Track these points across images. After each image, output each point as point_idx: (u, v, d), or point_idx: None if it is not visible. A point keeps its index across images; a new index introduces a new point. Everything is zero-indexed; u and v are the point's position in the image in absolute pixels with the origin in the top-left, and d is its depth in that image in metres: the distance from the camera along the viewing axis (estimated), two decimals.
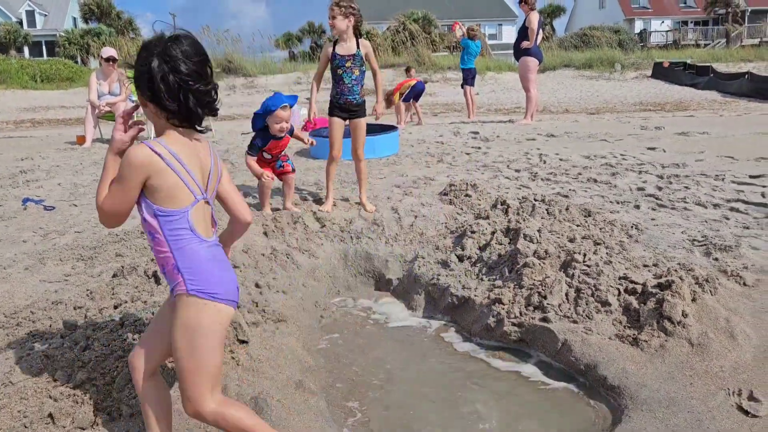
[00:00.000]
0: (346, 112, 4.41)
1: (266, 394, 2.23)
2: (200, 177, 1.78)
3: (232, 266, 1.91)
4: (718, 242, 3.61)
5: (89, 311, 2.74)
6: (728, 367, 2.46)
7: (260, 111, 4.11)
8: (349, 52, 4.30)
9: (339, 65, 4.31)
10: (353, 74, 4.33)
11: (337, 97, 4.39)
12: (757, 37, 41.94)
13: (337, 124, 4.45)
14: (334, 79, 4.39)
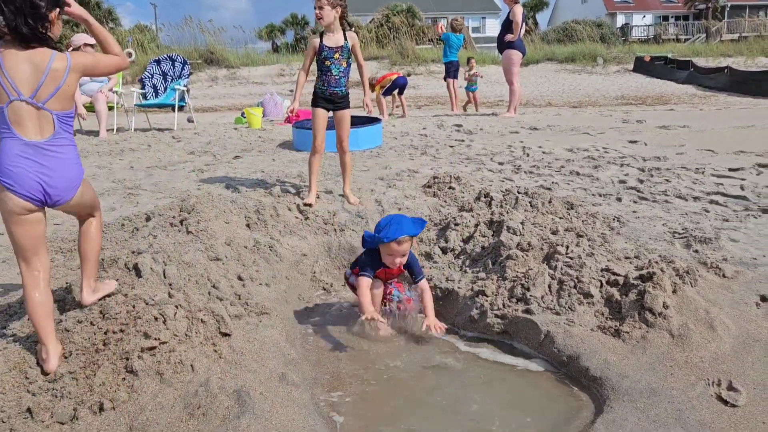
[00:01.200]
0: (330, 103, 4.40)
1: (249, 387, 2.21)
2: (26, 82, 2.06)
3: (50, 172, 2.14)
4: (698, 235, 3.65)
5: (68, 304, 2.70)
6: (708, 357, 2.49)
7: (369, 238, 3.17)
8: (338, 43, 4.28)
9: (327, 57, 4.29)
10: (341, 66, 4.33)
11: (323, 88, 4.36)
12: (737, 32, 42.45)
13: (320, 116, 4.42)
14: (321, 70, 4.35)
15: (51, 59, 2.09)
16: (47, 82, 2.09)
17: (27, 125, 2.09)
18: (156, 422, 2.05)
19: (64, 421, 2.05)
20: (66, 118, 2.17)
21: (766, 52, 27.77)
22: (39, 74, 2.08)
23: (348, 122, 4.49)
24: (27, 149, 2.10)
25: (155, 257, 3.02)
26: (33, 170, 2.10)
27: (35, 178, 2.11)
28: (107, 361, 2.24)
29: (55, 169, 2.15)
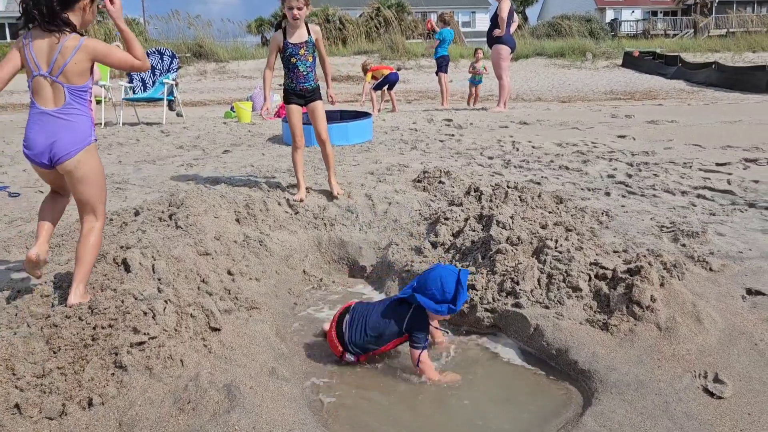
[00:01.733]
0: (302, 98, 4.41)
1: (239, 382, 2.21)
2: (44, 58, 2.40)
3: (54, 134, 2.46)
4: (686, 228, 3.68)
5: (56, 300, 2.68)
6: (695, 350, 2.52)
7: (435, 306, 2.67)
8: (301, 39, 4.27)
9: (292, 54, 4.28)
10: (307, 61, 4.33)
11: (293, 85, 4.38)
12: (724, 27, 42.72)
13: (295, 112, 4.44)
14: (288, 67, 4.35)
15: (66, 39, 2.41)
16: (58, 58, 2.41)
17: (45, 96, 2.44)
18: (146, 417, 2.05)
19: (53, 416, 2.04)
20: (77, 91, 2.47)
21: (752, 48, 28.01)
22: (53, 52, 2.40)
23: (322, 113, 4.49)
24: (42, 117, 2.45)
25: (144, 252, 3.01)
26: (43, 136, 2.45)
27: (44, 142, 2.45)
28: (96, 356, 2.23)
29: (61, 133, 2.46)
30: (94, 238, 2.61)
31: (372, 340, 2.69)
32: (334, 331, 2.75)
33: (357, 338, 2.68)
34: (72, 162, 2.48)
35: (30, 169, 5.61)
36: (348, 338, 2.69)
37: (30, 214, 4.23)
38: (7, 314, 2.64)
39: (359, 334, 2.68)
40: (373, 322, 2.70)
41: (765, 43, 28.90)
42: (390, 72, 10.88)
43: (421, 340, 2.65)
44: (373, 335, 2.68)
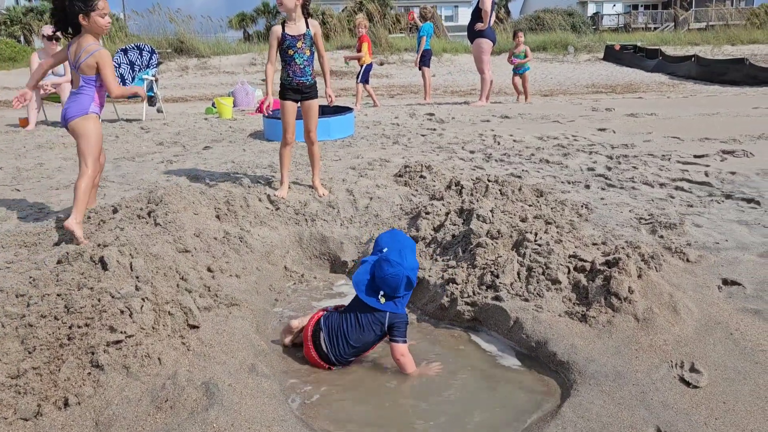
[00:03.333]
0: (298, 93, 4.36)
1: (217, 379, 2.20)
2: (74, 56, 3.62)
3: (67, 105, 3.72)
4: (664, 220, 3.72)
5: (32, 299, 2.65)
6: (671, 340, 2.54)
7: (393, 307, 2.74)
8: (299, 31, 4.24)
9: (290, 46, 4.24)
10: (305, 54, 4.29)
11: (289, 79, 4.32)
12: (704, 21, 43.18)
13: (290, 108, 4.38)
14: (285, 60, 4.31)
15: (88, 45, 3.59)
16: (81, 56, 3.58)
17: (74, 81, 3.72)
18: (123, 416, 2.03)
19: (28, 417, 2.01)
20: (87, 79, 3.64)
21: (731, 41, 28.31)
22: (79, 51, 3.60)
23: (316, 112, 4.46)
24: (71, 95, 3.74)
25: (122, 250, 2.97)
26: (65, 107, 3.72)
27: (63, 111, 3.72)
28: (72, 355, 2.20)
29: (70, 104, 3.68)
30: (82, 182, 3.62)
31: (358, 349, 2.71)
32: (314, 352, 2.72)
33: (342, 352, 2.68)
34: (72, 124, 3.66)
35: (8, 167, 5.54)
36: (333, 356, 2.68)
37: (6, 213, 4.17)
38: None
39: (343, 348, 2.67)
40: (354, 334, 2.69)
41: (744, 36, 29.23)
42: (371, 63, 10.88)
43: (402, 333, 2.67)
44: (358, 345, 2.69)
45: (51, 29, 7.49)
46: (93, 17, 3.55)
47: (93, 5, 3.53)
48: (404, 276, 2.69)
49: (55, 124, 8.21)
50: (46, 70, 3.89)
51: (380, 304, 2.70)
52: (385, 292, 2.70)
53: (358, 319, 2.72)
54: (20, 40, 31.68)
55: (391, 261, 2.68)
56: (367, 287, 2.74)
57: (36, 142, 6.75)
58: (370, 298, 2.72)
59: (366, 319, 2.72)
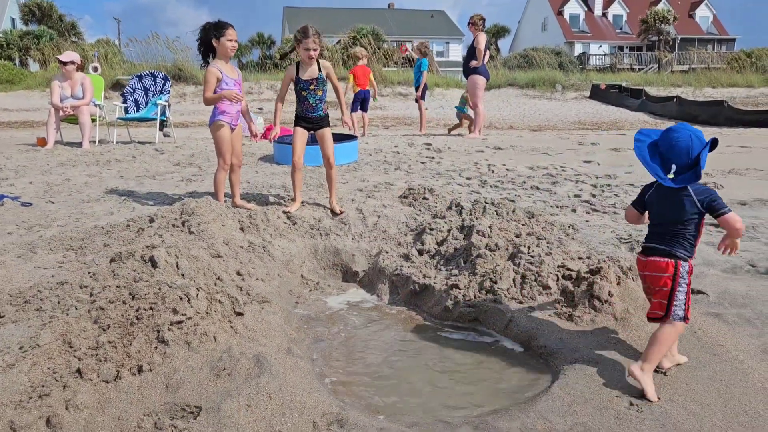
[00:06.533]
0: (310, 123, 4.84)
1: (266, 354, 2.61)
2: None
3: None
4: (641, 240, 4.18)
5: (94, 289, 3.05)
6: (644, 336, 2.98)
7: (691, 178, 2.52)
8: (312, 75, 4.70)
9: (303, 88, 4.72)
10: (317, 95, 4.77)
11: (303, 113, 4.81)
12: (686, 63, 44.62)
13: (300, 134, 4.84)
14: (299, 98, 4.79)
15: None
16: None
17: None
18: (188, 381, 2.43)
19: (109, 380, 2.40)
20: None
21: (712, 83, 29.39)
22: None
23: (330, 139, 4.92)
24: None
25: (168, 251, 3.39)
26: None
27: None
28: (141, 332, 2.61)
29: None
30: (215, 174, 4.97)
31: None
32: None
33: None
34: (210, 128, 4.93)
35: (37, 181, 5.94)
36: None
37: (46, 221, 4.57)
38: (51, 302, 3.01)
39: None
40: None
41: (724, 79, 30.39)
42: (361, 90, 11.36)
43: (722, 203, 2.51)
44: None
45: (69, 56, 7.98)
46: (222, 42, 4.65)
47: (223, 32, 4.63)
48: (691, 134, 2.51)
49: (72, 144, 8.63)
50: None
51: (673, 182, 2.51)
52: (677, 164, 2.51)
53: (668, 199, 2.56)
54: (17, 63, 32.10)
55: (673, 128, 2.58)
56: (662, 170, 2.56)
57: (58, 160, 7.16)
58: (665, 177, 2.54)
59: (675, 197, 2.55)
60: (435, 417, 2.49)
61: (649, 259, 2.64)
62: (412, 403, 2.65)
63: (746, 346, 2.86)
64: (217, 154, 4.89)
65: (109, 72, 22.00)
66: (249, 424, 2.18)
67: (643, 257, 2.68)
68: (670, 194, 2.58)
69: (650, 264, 2.63)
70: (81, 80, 8.49)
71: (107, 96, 14.97)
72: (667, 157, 2.57)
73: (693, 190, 2.54)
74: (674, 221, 2.58)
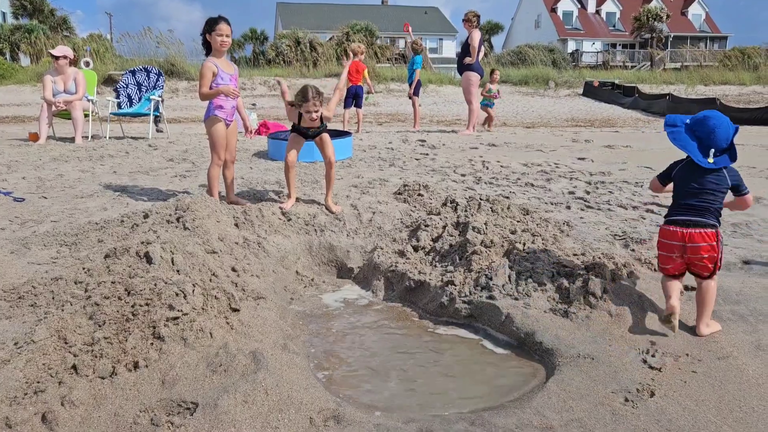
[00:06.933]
0: (308, 136, 4.88)
1: (262, 350, 2.61)
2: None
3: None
4: (635, 236, 4.22)
5: (89, 285, 3.04)
6: (639, 332, 3.00)
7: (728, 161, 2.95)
8: (314, 125, 4.79)
9: (303, 129, 4.82)
10: (318, 128, 4.86)
11: (301, 127, 4.85)
12: (679, 61, 44.80)
13: (295, 138, 4.86)
14: (298, 119, 4.82)
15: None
16: None
17: None
18: (184, 377, 2.42)
19: (105, 376, 2.39)
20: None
21: (704, 81, 29.54)
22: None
23: (329, 141, 4.86)
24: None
25: (164, 246, 3.37)
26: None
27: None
28: (137, 328, 2.60)
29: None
30: (209, 170, 4.95)
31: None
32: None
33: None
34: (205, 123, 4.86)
35: (30, 176, 5.90)
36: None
37: (39, 216, 4.54)
38: (45, 298, 3.00)
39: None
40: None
41: (716, 77, 30.55)
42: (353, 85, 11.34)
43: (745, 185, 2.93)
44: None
45: (62, 51, 7.92)
46: (213, 37, 4.67)
47: (214, 27, 4.66)
48: (727, 121, 2.85)
49: (65, 139, 8.58)
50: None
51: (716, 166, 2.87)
52: (717, 148, 2.86)
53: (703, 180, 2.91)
54: (8, 58, 31.88)
55: (709, 115, 2.89)
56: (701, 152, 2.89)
57: (50, 156, 7.11)
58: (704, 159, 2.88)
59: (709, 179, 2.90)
60: (431, 413, 2.50)
61: (691, 231, 2.93)
62: (408, 399, 2.66)
63: (740, 343, 2.88)
64: (212, 150, 4.88)
65: (102, 67, 21.88)
66: (245, 420, 2.18)
67: (682, 229, 2.95)
68: (707, 173, 2.92)
69: (695, 236, 2.92)
70: (73, 75, 8.43)
71: (100, 91, 14.92)
72: (707, 143, 2.89)
73: (726, 169, 2.91)
74: (709, 196, 2.92)
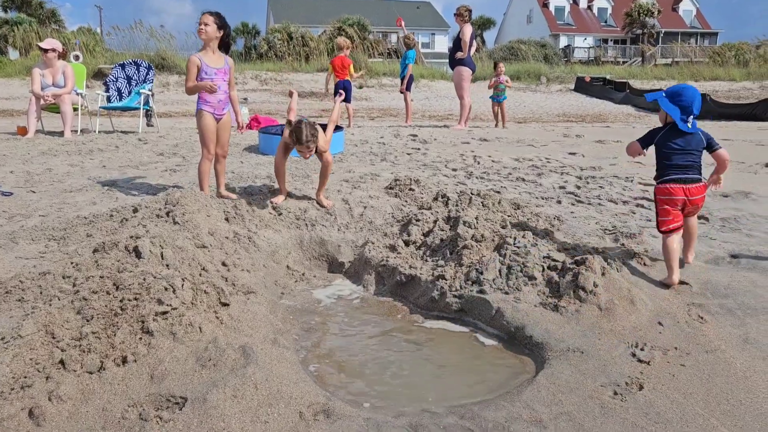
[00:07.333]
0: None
1: (252, 344, 2.60)
2: None
3: None
4: (625, 231, 4.23)
5: (78, 280, 3.01)
6: (629, 326, 3.01)
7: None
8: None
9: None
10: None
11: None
12: (670, 57, 44.96)
13: (288, 148, 4.77)
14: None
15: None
16: None
17: None
18: (173, 372, 2.41)
19: (93, 371, 2.38)
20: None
21: (695, 77, 29.67)
22: None
23: (327, 153, 4.78)
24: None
25: (153, 241, 3.35)
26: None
27: None
28: (125, 323, 2.58)
29: None
30: (199, 164, 4.95)
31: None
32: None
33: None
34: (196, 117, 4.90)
35: (18, 170, 5.85)
36: None
37: (27, 210, 4.50)
38: (33, 293, 2.97)
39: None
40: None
41: (706, 72, 30.71)
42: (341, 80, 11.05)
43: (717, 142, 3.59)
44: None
45: (50, 44, 7.86)
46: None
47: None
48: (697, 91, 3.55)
49: (54, 133, 8.51)
50: None
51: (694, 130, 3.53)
52: (694, 115, 3.51)
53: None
54: None
55: (686, 86, 3.59)
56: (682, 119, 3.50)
57: (39, 150, 7.05)
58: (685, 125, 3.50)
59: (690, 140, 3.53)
60: (421, 407, 2.50)
61: (695, 186, 3.51)
62: (398, 393, 2.66)
63: (728, 336, 2.90)
64: (201, 144, 4.86)
65: (91, 60, 21.70)
66: (235, 415, 2.17)
67: (682, 186, 3.51)
68: (688, 136, 3.53)
69: (693, 190, 3.50)
70: (62, 68, 8.36)
71: (89, 85, 14.80)
72: (690, 110, 3.51)
73: (700, 131, 3.56)
74: (693, 156, 3.51)
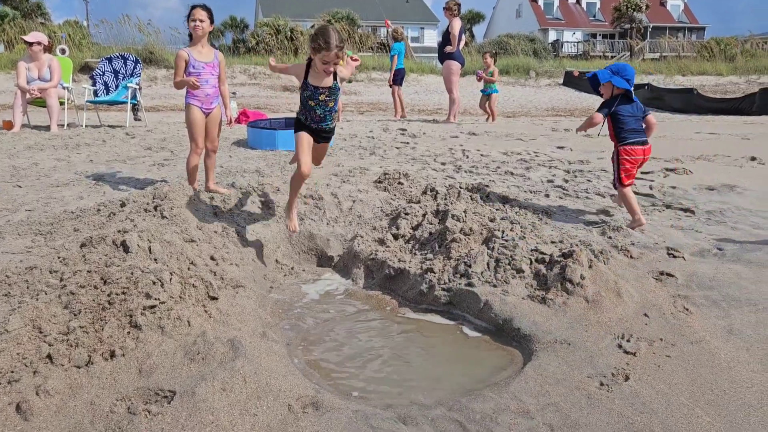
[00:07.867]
0: (316, 134, 4.01)
1: (240, 338, 2.60)
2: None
3: None
4: (612, 224, 4.27)
5: (65, 275, 3.00)
6: (615, 318, 3.04)
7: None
8: (326, 84, 3.85)
9: (311, 97, 3.85)
10: (327, 106, 3.91)
11: (307, 122, 3.96)
12: (657, 51, 45.20)
13: (305, 140, 3.94)
14: (304, 106, 3.92)
15: None
16: None
17: None
18: (162, 365, 2.41)
19: (81, 365, 2.37)
20: None
21: (682, 71, 29.85)
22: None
23: (325, 151, 4.44)
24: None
25: (141, 235, 3.35)
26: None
27: None
28: (113, 317, 2.57)
29: None
30: (187, 158, 4.89)
31: None
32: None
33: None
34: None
35: (3, 165, 5.80)
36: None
37: (13, 205, 4.47)
38: (20, 288, 2.96)
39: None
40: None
41: (694, 67, 30.89)
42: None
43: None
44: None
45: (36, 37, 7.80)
46: (189, 22, 4.69)
47: (190, 14, 4.69)
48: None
49: (40, 127, 8.43)
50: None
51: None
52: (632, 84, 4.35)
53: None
54: None
55: (625, 65, 4.43)
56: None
57: (25, 144, 6.99)
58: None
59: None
60: (410, 399, 2.52)
61: (648, 147, 4.37)
62: (387, 385, 2.67)
63: (713, 328, 2.94)
64: (189, 138, 4.84)
65: (78, 54, 21.50)
66: (224, 408, 2.18)
67: (643, 147, 4.34)
68: (635, 104, 4.34)
69: (647, 150, 4.37)
70: (48, 62, 8.28)
71: (76, 79, 14.66)
72: (633, 82, 4.35)
73: (637, 99, 4.44)
74: (640, 120, 4.35)
